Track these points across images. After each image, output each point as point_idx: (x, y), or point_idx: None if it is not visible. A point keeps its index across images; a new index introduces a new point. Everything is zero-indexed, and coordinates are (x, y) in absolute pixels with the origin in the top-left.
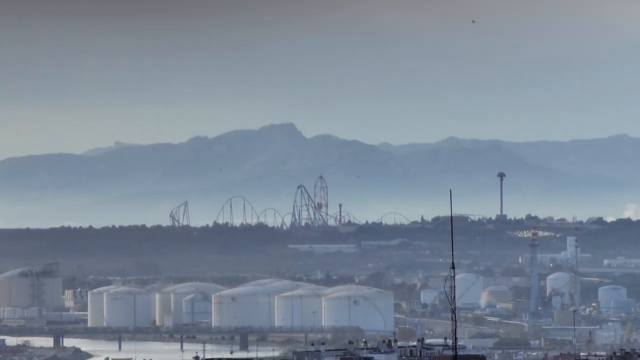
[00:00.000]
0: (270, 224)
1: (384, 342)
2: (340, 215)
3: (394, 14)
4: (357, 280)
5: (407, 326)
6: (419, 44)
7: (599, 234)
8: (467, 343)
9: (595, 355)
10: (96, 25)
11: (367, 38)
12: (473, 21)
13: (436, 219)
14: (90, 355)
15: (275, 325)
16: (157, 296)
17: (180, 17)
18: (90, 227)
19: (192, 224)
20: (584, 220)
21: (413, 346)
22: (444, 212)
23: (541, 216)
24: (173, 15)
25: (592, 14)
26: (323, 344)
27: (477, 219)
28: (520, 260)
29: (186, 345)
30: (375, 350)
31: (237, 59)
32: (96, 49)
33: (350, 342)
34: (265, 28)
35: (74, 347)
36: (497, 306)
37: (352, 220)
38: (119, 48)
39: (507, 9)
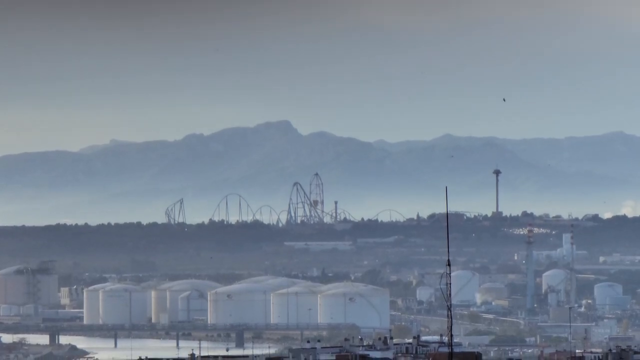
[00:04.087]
0: (266, 222)
1: (379, 339)
2: (335, 212)
3: (390, 13)
4: (352, 278)
5: (403, 323)
6: (414, 42)
7: (595, 231)
8: (463, 340)
9: (591, 352)
10: (92, 24)
11: (363, 36)
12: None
13: (432, 216)
14: (86, 353)
15: (271, 322)
16: (153, 293)
17: (175, 15)
18: (86, 224)
19: (188, 222)
20: (580, 217)
21: (409, 343)
22: (440, 209)
23: (537, 213)
24: (167, 14)
25: (587, 12)
26: (319, 341)
27: (472, 216)
28: (515, 258)
29: (182, 343)
30: (371, 347)
31: (233, 57)
32: (92, 47)
33: (346, 339)
34: (260, 26)
35: (69, 344)
36: (493, 303)
37: (347, 218)
38: (115, 46)
39: (503, 8)
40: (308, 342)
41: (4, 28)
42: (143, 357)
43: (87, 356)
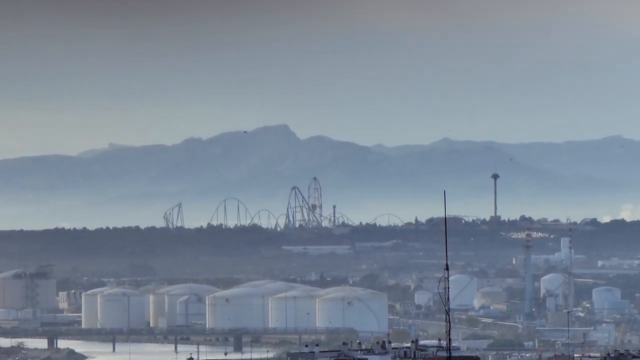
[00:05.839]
0: (264, 226)
1: (377, 343)
2: (334, 216)
3: (388, 16)
4: (351, 282)
5: (401, 327)
6: (413, 45)
7: (593, 235)
8: (461, 344)
9: (590, 357)
10: (90, 27)
11: (361, 40)
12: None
13: (430, 220)
14: (85, 357)
15: (269, 326)
16: (151, 298)
17: (173, 19)
18: (84, 228)
19: (186, 226)
20: (578, 221)
21: (407, 347)
22: (438, 213)
23: (535, 217)
24: (166, 17)
25: (585, 15)
26: (317, 345)
27: (471, 220)
28: (514, 262)
29: (180, 347)
30: (369, 351)
31: (231, 61)
32: (90, 50)
33: (344, 344)
34: (259, 30)
35: (68, 348)
36: (491, 307)
37: (346, 222)
38: (113, 49)
39: (501, 10)
40: (306, 346)
41: (1, 30)
42: None
43: None
